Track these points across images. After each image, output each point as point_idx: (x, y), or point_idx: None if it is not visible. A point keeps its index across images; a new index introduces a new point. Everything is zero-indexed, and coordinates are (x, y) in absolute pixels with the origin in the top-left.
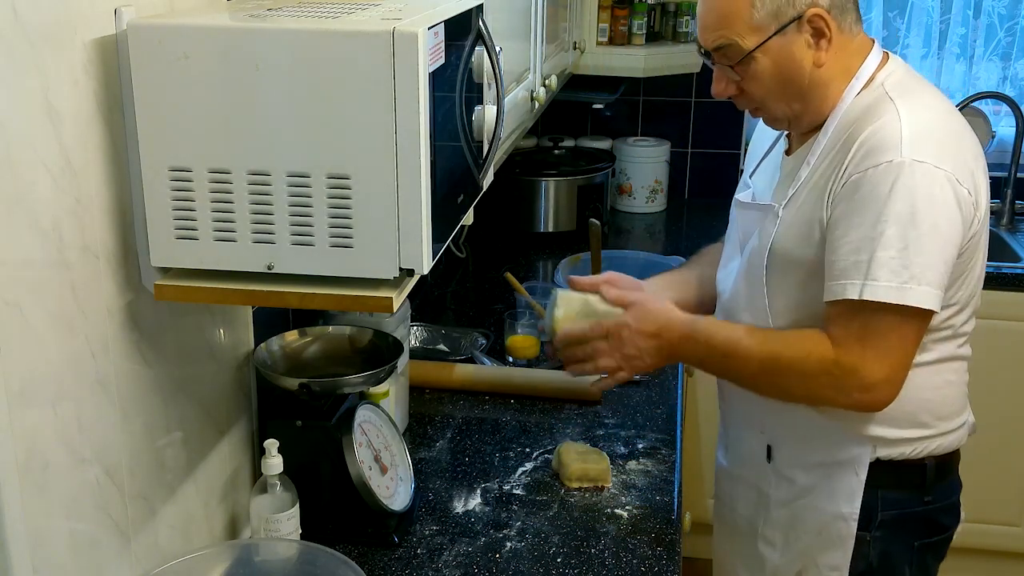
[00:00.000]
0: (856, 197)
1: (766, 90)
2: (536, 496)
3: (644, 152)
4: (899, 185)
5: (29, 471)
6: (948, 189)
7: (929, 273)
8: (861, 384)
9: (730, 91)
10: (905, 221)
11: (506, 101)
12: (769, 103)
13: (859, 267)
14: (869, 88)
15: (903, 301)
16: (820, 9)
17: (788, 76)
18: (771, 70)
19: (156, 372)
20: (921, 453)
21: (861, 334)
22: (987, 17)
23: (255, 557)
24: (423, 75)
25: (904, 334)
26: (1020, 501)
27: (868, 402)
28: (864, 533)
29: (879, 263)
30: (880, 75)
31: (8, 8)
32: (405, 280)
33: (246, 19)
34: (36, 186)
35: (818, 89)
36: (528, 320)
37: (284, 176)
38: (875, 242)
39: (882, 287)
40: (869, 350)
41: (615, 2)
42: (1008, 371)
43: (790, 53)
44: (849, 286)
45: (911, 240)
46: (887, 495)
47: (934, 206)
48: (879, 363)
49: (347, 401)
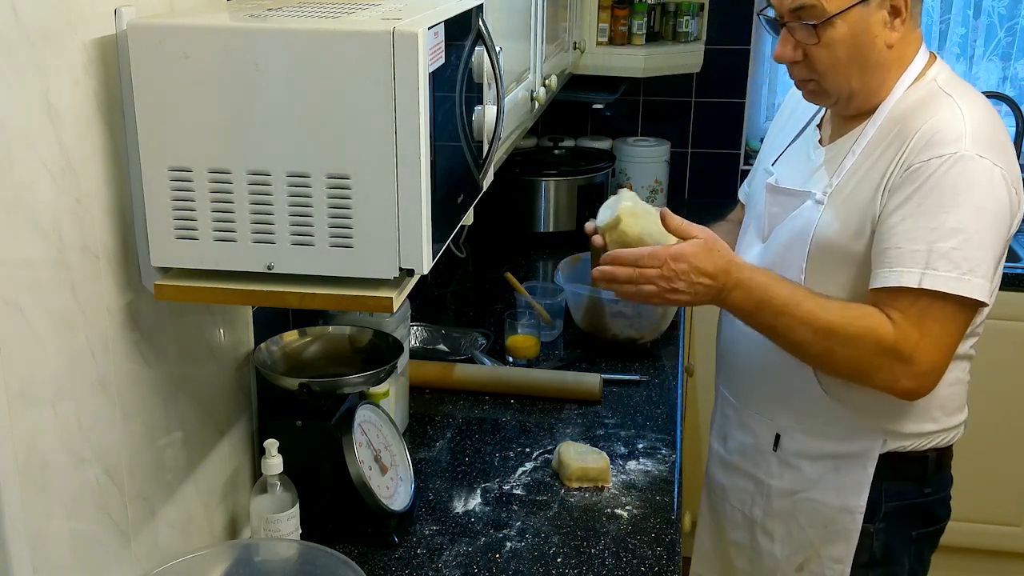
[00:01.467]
0: (916, 186)
1: (833, 60)
2: (536, 496)
3: (644, 152)
4: (964, 177)
5: (29, 471)
6: (1004, 187)
7: (984, 266)
8: (913, 372)
9: (796, 56)
10: (967, 213)
11: (506, 101)
12: (830, 75)
13: (917, 256)
14: (921, 82)
15: (962, 292)
16: None
17: (860, 49)
18: (846, 40)
19: (156, 372)
20: (925, 446)
21: (919, 322)
22: (987, 17)
23: (255, 557)
24: (423, 75)
25: (958, 325)
26: (1020, 501)
27: (913, 389)
28: (868, 525)
29: (939, 253)
30: (931, 72)
31: (8, 8)
32: (405, 280)
33: (246, 19)
34: (36, 186)
35: (880, 70)
36: (528, 320)
37: (284, 176)
38: (936, 232)
39: (942, 276)
40: (926, 338)
41: (615, 2)
42: (1008, 371)
43: (867, 26)
44: (907, 274)
45: (972, 232)
46: (890, 486)
47: (994, 202)
48: (933, 352)
49: (347, 401)
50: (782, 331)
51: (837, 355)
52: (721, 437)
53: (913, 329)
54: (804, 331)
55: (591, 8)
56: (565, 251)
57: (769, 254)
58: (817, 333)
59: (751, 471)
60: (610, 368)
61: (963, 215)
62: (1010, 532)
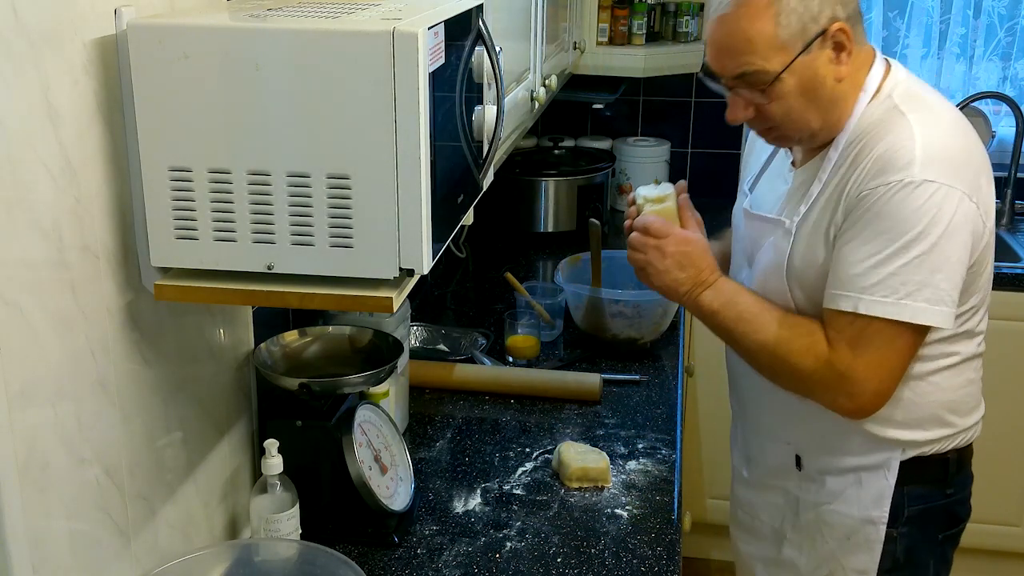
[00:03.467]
0: (863, 212)
1: (788, 110)
2: (536, 496)
3: (644, 152)
4: (908, 204)
5: (29, 471)
6: (957, 208)
7: (927, 290)
8: (849, 391)
9: (748, 114)
10: (908, 240)
11: (506, 101)
12: (788, 124)
13: (855, 280)
14: (877, 99)
15: (897, 317)
16: (842, 23)
17: (812, 94)
18: (796, 90)
19: (156, 372)
20: (945, 448)
21: (853, 344)
22: (987, 17)
23: (255, 557)
24: (423, 75)
25: (897, 348)
26: (1020, 501)
27: (852, 409)
28: (891, 530)
29: (877, 278)
30: (887, 86)
31: (8, 8)
32: (405, 280)
33: (246, 19)
34: (36, 186)
35: (837, 104)
36: (528, 320)
37: (284, 176)
38: (875, 257)
39: (877, 302)
40: (860, 359)
41: (615, 2)
42: (1009, 371)
43: (814, 71)
44: (844, 298)
45: (913, 257)
46: (912, 491)
47: (941, 226)
48: (869, 373)
49: (347, 401)
50: (739, 337)
51: (782, 367)
52: (744, 459)
53: (846, 350)
54: (756, 340)
55: (591, 8)
56: (565, 251)
57: (755, 280)
58: (766, 344)
59: (780, 485)
60: (610, 368)
61: (905, 240)
62: (1010, 532)
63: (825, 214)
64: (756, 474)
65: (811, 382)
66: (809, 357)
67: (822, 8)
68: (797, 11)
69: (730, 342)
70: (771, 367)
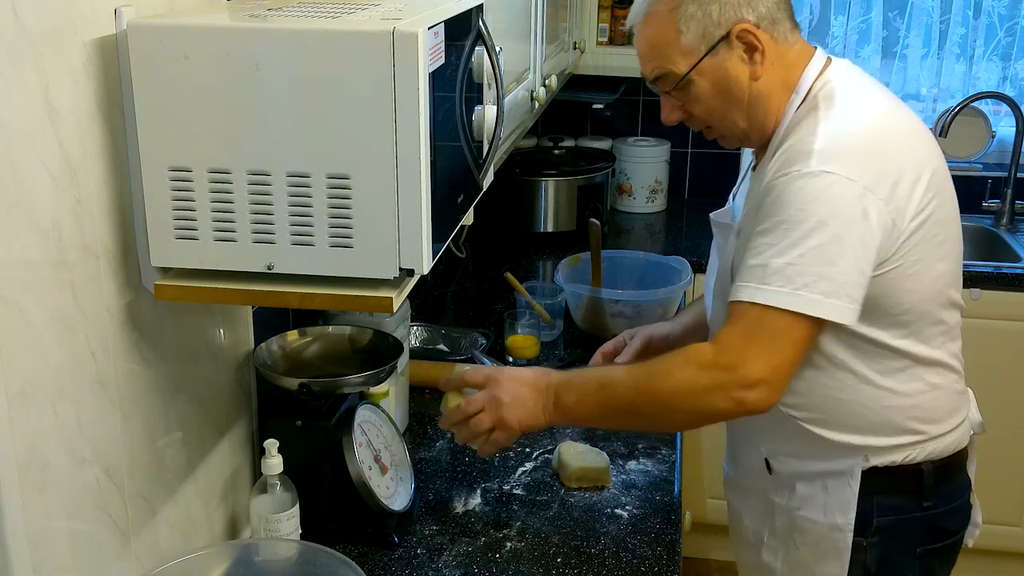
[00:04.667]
0: (765, 204)
1: (709, 110)
2: (536, 496)
3: (644, 152)
4: (804, 195)
5: (29, 471)
6: (856, 200)
7: (823, 283)
8: (740, 381)
9: (677, 116)
10: (806, 230)
11: (506, 101)
12: (715, 123)
13: (754, 271)
14: (807, 99)
15: (790, 307)
16: (747, 24)
17: (727, 94)
18: (710, 90)
19: (156, 372)
20: (916, 458)
21: (746, 333)
22: (987, 17)
23: (255, 557)
24: (423, 75)
25: (790, 340)
26: (1020, 501)
27: (750, 401)
28: (860, 539)
29: (773, 269)
30: (816, 85)
31: (8, 8)
32: (405, 280)
33: (246, 19)
34: (36, 186)
35: (760, 103)
36: (528, 320)
37: (284, 176)
38: (773, 248)
39: (773, 292)
40: (752, 348)
41: (615, 2)
42: (1008, 371)
43: (725, 71)
44: (743, 288)
45: (808, 249)
46: (883, 501)
47: (837, 217)
48: (760, 361)
49: (347, 401)
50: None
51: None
52: (730, 460)
53: (738, 340)
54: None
55: (591, 8)
56: (565, 251)
57: (718, 282)
58: (638, 385)
59: (758, 491)
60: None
61: (802, 231)
62: (1010, 532)
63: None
64: (738, 478)
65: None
66: (690, 368)
67: (723, 12)
68: (696, 17)
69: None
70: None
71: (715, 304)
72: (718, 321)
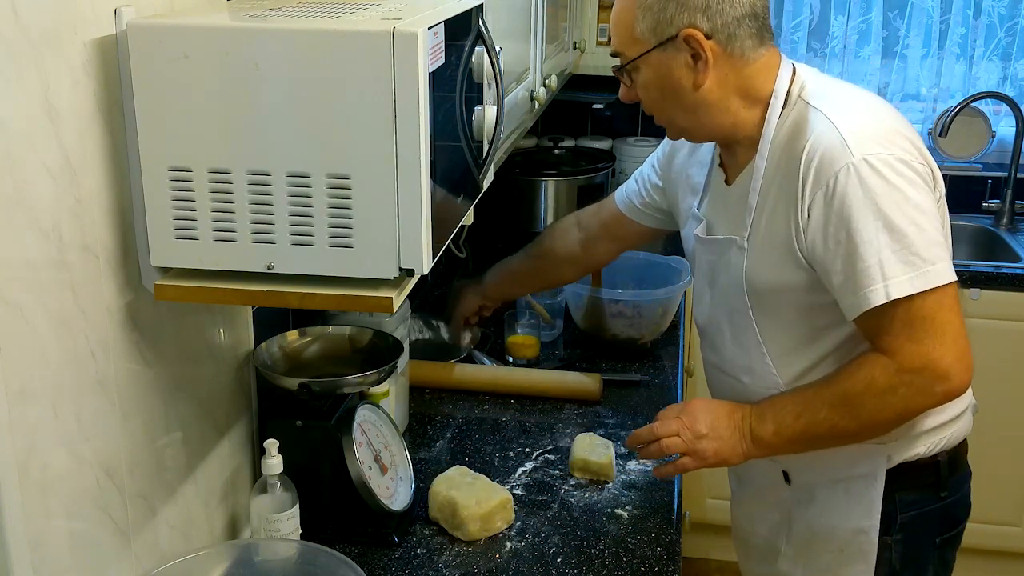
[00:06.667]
0: (832, 212)
1: (650, 100)
2: (536, 496)
3: (644, 152)
4: (867, 184)
5: (29, 471)
6: (906, 168)
7: (936, 249)
8: (936, 376)
9: (629, 96)
10: (891, 214)
11: (506, 101)
12: (657, 114)
13: (870, 272)
14: (788, 105)
15: (928, 285)
16: (696, 32)
17: (670, 92)
18: (653, 82)
19: (156, 372)
20: (934, 449)
21: (907, 333)
22: (987, 17)
23: (255, 557)
24: (423, 75)
25: (946, 313)
26: (1021, 501)
27: (953, 389)
28: (885, 538)
29: (889, 262)
30: (794, 90)
31: (8, 8)
32: (405, 280)
33: (246, 19)
34: (36, 186)
35: (707, 109)
36: (528, 320)
37: (284, 176)
38: (874, 244)
39: (904, 281)
40: (925, 343)
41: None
42: (1008, 371)
43: (669, 70)
44: (871, 293)
45: (904, 228)
46: (904, 497)
47: (905, 189)
48: (940, 349)
49: (347, 401)
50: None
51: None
52: (736, 478)
53: (907, 343)
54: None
55: (591, 8)
56: None
57: (718, 301)
58: (835, 408)
59: (773, 501)
60: (610, 368)
61: (889, 217)
62: (1010, 532)
63: (779, 227)
64: (748, 492)
65: (902, 399)
66: (880, 382)
67: (677, 14)
68: (652, 10)
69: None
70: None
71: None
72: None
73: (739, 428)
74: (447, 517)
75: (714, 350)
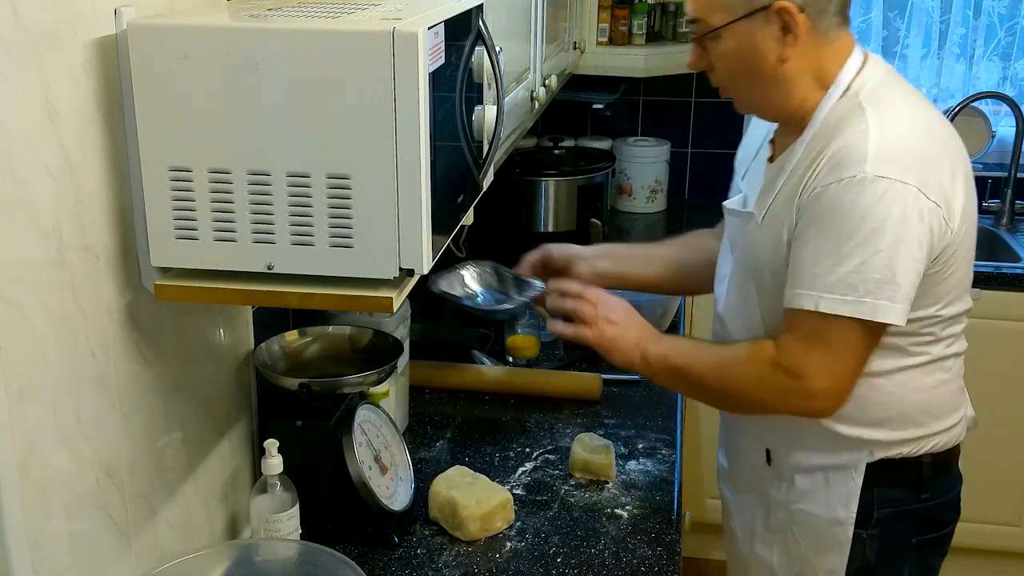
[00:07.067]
0: (818, 209)
1: (727, 72)
2: (536, 496)
3: (644, 152)
4: (861, 201)
5: (29, 471)
6: (911, 204)
7: (887, 288)
8: (803, 390)
9: (700, 65)
10: (864, 237)
11: (506, 101)
12: (730, 87)
13: (815, 279)
14: (846, 97)
15: (856, 315)
16: (790, 4)
17: (750, 64)
18: (734, 53)
19: (156, 372)
20: (918, 451)
21: (808, 341)
22: (987, 17)
23: (255, 557)
24: (423, 75)
25: (855, 346)
26: (1020, 501)
27: (810, 409)
28: (860, 531)
29: (835, 277)
30: (856, 83)
31: (8, 8)
32: (405, 280)
33: (246, 19)
34: (36, 186)
35: (781, 85)
36: (528, 320)
37: (284, 176)
38: (832, 256)
39: (836, 300)
40: (814, 358)
41: (615, 2)
42: (1008, 371)
43: (754, 41)
44: (805, 297)
45: (870, 255)
46: (884, 494)
47: (895, 222)
48: (823, 371)
49: (347, 401)
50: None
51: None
52: (724, 452)
53: (798, 347)
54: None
55: (591, 8)
56: None
57: (735, 273)
58: (711, 368)
59: (753, 484)
60: (610, 368)
61: (861, 238)
62: (1010, 532)
63: (783, 208)
64: (733, 471)
65: (764, 390)
66: (755, 365)
67: None
68: None
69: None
70: (722, 390)
71: (730, 295)
72: (732, 313)
73: (642, 337)
74: (447, 517)
75: (721, 323)
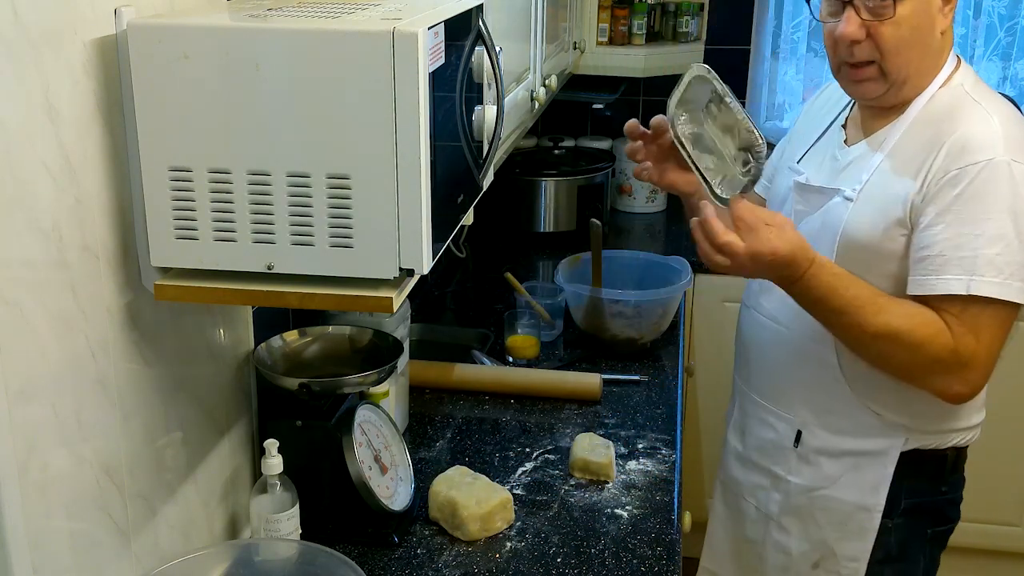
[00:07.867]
0: (956, 193)
1: (899, 39)
2: (536, 496)
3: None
4: (1001, 183)
5: (29, 471)
6: None
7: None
8: (967, 378)
9: (860, 34)
10: (1006, 219)
11: (506, 101)
12: (893, 55)
13: (963, 263)
14: (948, 87)
15: (1006, 296)
16: None
17: (921, 31)
18: (912, 19)
19: (156, 372)
20: (946, 444)
21: (974, 328)
22: (987, 17)
23: (255, 557)
24: (423, 75)
25: (1004, 329)
26: (1020, 501)
27: (964, 394)
28: (887, 520)
29: (984, 260)
30: (957, 77)
31: (8, 8)
32: (405, 280)
33: (246, 19)
34: (36, 186)
35: (932, 56)
36: (528, 320)
37: (284, 176)
38: (978, 239)
39: (988, 283)
40: (981, 344)
41: (615, 2)
42: (1008, 371)
43: (929, 9)
44: (954, 281)
45: (1012, 238)
46: (910, 484)
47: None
48: (986, 357)
49: (347, 401)
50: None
51: (896, 358)
52: (739, 432)
53: (969, 335)
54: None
55: (591, 8)
56: (565, 251)
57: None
58: (878, 335)
59: (770, 467)
60: (610, 368)
61: (1003, 221)
62: (1011, 532)
63: (898, 188)
64: (749, 447)
65: (928, 372)
66: (936, 345)
67: None
68: None
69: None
70: (890, 353)
71: None
72: None
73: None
74: (447, 517)
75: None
